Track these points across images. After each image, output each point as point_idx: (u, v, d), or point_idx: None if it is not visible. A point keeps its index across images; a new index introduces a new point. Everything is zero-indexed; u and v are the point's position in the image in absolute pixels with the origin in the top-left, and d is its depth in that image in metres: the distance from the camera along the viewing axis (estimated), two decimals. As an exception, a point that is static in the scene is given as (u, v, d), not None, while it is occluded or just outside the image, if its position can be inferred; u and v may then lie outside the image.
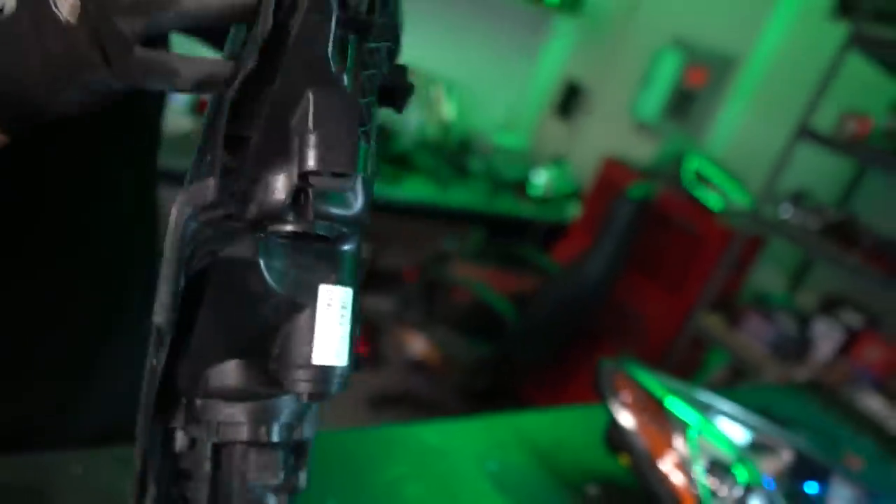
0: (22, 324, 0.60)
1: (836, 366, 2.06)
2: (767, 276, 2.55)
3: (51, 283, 0.61)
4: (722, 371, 2.40)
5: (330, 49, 0.31)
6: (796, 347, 2.10)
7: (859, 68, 2.15)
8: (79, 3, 0.33)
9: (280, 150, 0.31)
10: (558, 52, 3.54)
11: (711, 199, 2.34)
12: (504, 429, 1.05)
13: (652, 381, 0.99)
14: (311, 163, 0.30)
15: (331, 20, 0.31)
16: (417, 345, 2.66)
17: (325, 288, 0.33)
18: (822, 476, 1.09)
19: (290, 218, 0.31)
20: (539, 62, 3.53)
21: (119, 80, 0.33)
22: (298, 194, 0.31)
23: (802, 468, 1.08)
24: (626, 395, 0.97)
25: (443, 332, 2.29)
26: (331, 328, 0.33)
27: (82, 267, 0.62)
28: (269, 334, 0.33)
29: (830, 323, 2.15)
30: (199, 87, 0.32)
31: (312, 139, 0.30)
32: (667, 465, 0.92)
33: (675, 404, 0.96)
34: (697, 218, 2.34)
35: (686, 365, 2.37)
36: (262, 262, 0.32)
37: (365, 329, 2.82)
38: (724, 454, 0.93)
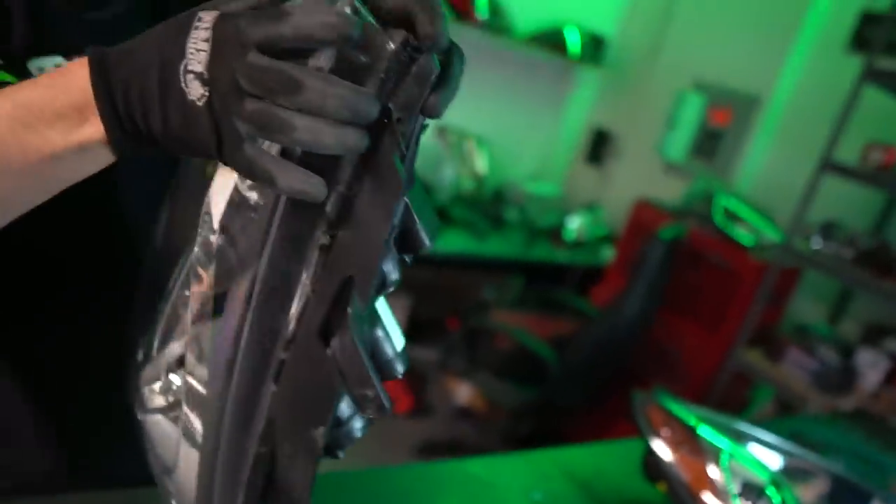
0: (68, 367, 0.64)
1: (882, 395, 2.05)
2: (807, 309, 2.55)
3: (96, 324, 0.63)
4: (768, 406, 2.40)
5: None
6: (840, 378, 2.10)
7: (881, 100, 2.21)
8: (207, 94, 0.38)
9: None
10: (584, 100, 3.66)
11: (742, 236, 2.38)
12: (547, 462, 1.11)
13: (684, 411, 1.05)
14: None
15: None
16: (462, 392, 2.72)
17: None
18: (862, 501, 1.11)
19: None
20: (566, 112, 3.65)
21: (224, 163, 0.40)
22: None
23: (841, 493, 1.11)
24: (661, 425, 1.02)
25: (486, 379, 2.35)
26: None
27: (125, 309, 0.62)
28: None
29: (875, 352, 2.15)
30: (291, 194, 0.38)
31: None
32: (703, 491, 0.97)
33: (707, 432, 1.02)
34: (730, 254, 2.38)
35: (730, 401, 2.37)
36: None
37: (410, 379, 2.90)
38: (757, 478, 0.98)
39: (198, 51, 0.38)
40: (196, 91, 0.38)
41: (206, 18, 0.38)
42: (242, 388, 0.45)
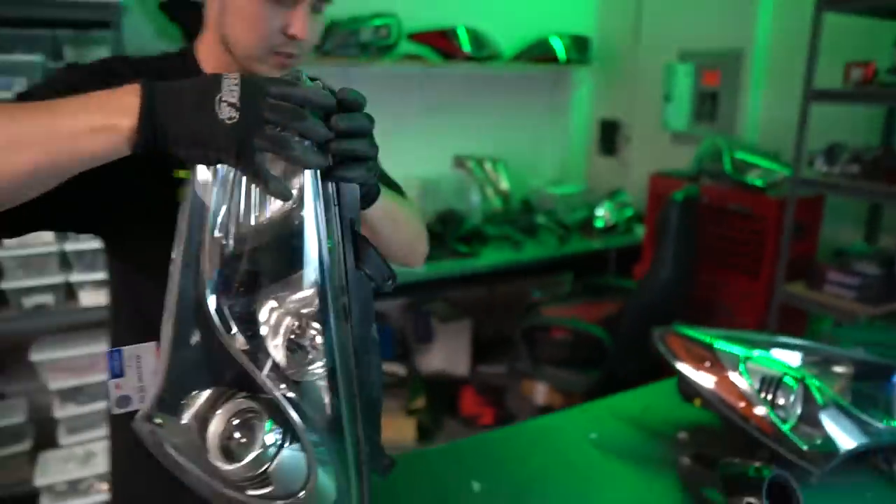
0: None
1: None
2: (842, 234, 2.63)
3: None
4: (829, 333, 2.47)
5: None
6: (883, 287, 2.18)
7: (849, 23, 2.32)
8: (236, 117, 0.59)
9: None
10: (584, 98, 3.85)
11: (755, 180, 2.50)
12: (600, 409, 1.29)
13: (700, 333, 1.21)
14: None
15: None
16: (538, 392, 2.88)
17: None
18: (885, 375, 1.24)
19: None
20: (570, 112, 3.84)
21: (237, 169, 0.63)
22: None
23: (865, 372, 1.24)
24: (681, 349, 1.19)
25: (553, 372, 2.51)
26: None
27: None
28: None
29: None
30: (272, 193, 0.62)
31: None
32: (730, 395, 1.13)
33: (723, 345, 1.17)
34: (748, 200, 2.51)
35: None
36: None
37: (488, 394, 3.07)
38: (774, 372, 1.13)
39: (230, 90, 0.61)
40: (227, 114, 0.60)
41: (233, 76, 0.62)
42: (340, 336, 0.67)
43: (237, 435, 0.65)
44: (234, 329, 0.65)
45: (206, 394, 0.67)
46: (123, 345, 0.76)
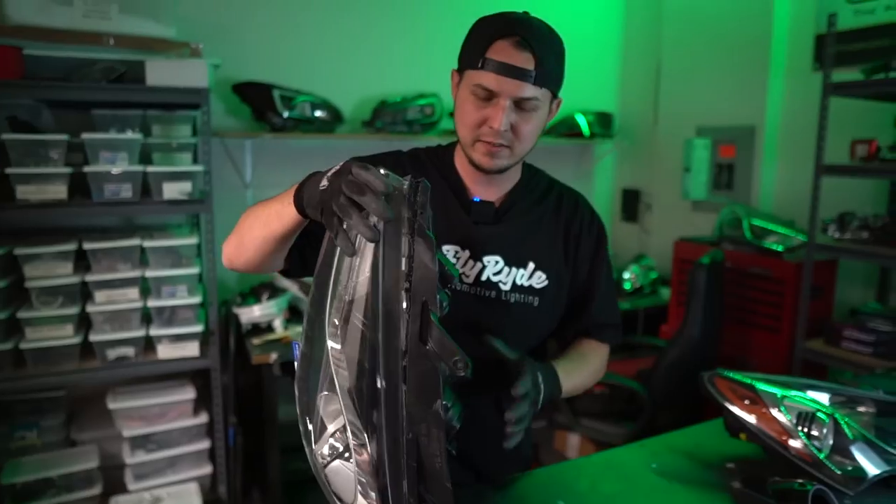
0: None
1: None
2: (855, 294, 2.83)
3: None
4: (848, 387, 2.64)
5: None
6: (896, 343, 2.37)
7: (854, 103, 2.59)
8: (326, 185, 0.79)
9: None
10: (607, 169, 4.13)
11: (774, 245, 2.73)
12: (657, 445, 1.47)
13: (742, 375, 1.40)
14: None
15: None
16: (572, 444, 3.02)
17: None
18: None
19: None
20: (595, 182, 4.12)
21: None
22: None
23: (887, 409, 1.42)
24: (727, 390, 1.38)
25: (590, 424, 2.67)
26: None
27: None
28: None
29: (923, 314, 2.42)
30: (338, 244, 0.79)
31: None
32: (771, 429, 1.32)
33: (763, 385, 1.37)
34: (768, 263, 2.73)
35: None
36: None
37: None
38: (808, 408, 1.32)
39: (334, 170, 0.82)
40: (322, 185, 0.82)
41: (348, 162, 0.82)
42: (391, 396, 0.75)
43: (334, 435, 0.80)
44: (338, 360, 0.78)
45: (333, 401, 0.79)
46: None
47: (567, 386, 1.15)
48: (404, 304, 0.76)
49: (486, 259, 1.17)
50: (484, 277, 1.17)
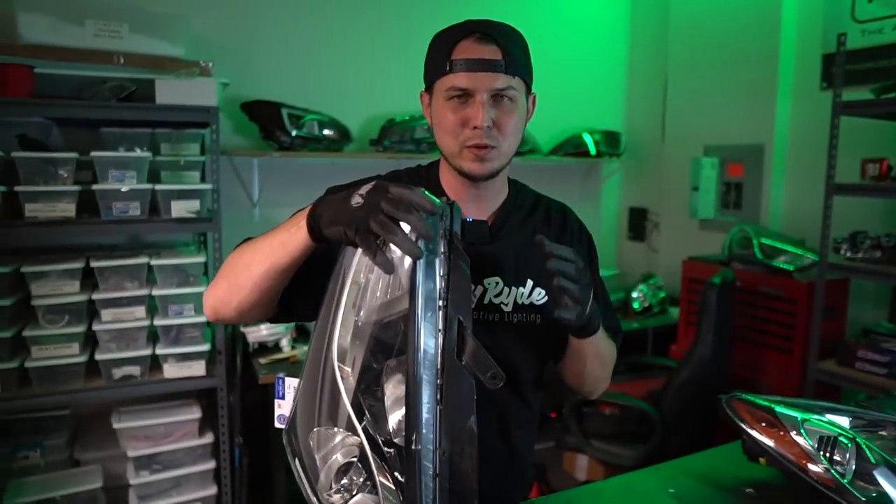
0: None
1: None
2: (867, 314, 2.81)
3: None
4: (861, 409, 2.60)
5: None
6: (911, 364, 2.34)
7: (865, 122, 2.58)
8: (361, 202, 0.77)
9: None
10: (614, 187, 4.13)
11: (785, 265, 2.71)
12: (673, 469, 1.44)
13: (760, 398, 1.38)
14: None
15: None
16: (581, 466, 2.98)
17: None
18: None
19: None
20: (601, 200, 4.11)
21: None
22: None
23: (908, 436, 1.39)
24: (746, 413, 1.35)
25: (600, 446, 2.64)
26: None
27: None
28: None
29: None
30: (377, 264, 0.76)
31: None
32: (792, 453, 1.29)
33: (782, 409, 1.34)
34: (779, 283, 2.70)
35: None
36: None
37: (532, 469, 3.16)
38: (830, 432, 1.29)
39: (365, 188, 0.80)
40: (356, 201, 0.79)
41: (371, 182, 0.82)
42: (427, 412, 0.74)
43: (347, 471, 0.78)
44: (352, 386, 0.78)
45: (338, 435, 0.79)
46: None
47: (600, 341, 1.15)
48: (440, 322, 0.76)
49: (486, 282, 1.14)
50: (486, 301, 1.14)
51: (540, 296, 1.18)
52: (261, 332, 2.65)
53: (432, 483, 0.74)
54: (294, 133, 2.86)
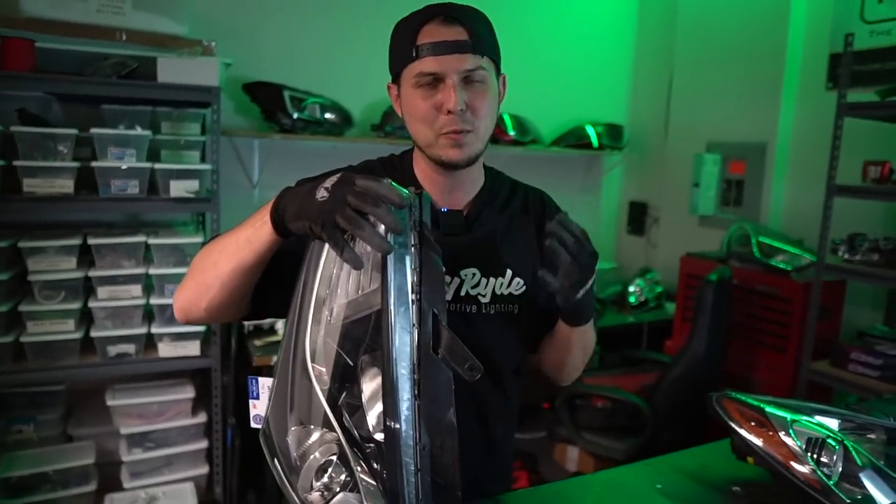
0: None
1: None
2: (862, 317, 2.81)
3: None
4: (853, 410, 2.61)
5: None
6: (904, 367, 2.34)
7: (868, 124, 2.57)
8: (326, 196, 0.75)
9: None
10: (615, 181, 4.12)
11: (781, 264, 2.71)
12: (661, 464, 1.45)
13: (750, 398, 1.38)
14: None
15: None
16: (571, 457, 3.00)
17: None
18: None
19: None
20: (602, 194, 4.10)
21: None
22: None
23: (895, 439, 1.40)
24: (735, 412, 1.36)
25: (591, 438, 2.65)
26: None
27: None
28: None
29: (932, 339, 2.39)
30: (346, 261, 0.75)
31: None
32: (779, 453, 1.29)
33: (772, 409, 1.34)
34: (775, 282, 2.70)
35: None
36: None
37: (522, 459, 3.19)
38: (818, 434, 1.30)
39: (331, 181, 0.77)
40: (321, 195, 0.76)
41: (337, 173, 0.80)
42: (406, 408, 0.74)
43: (326, 470, 0.77)
44: (327, 384, 0.77)
45: (315, 433, 0.78)
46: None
47: (589, 331, 1.15)
48: (414, 317, 0.76)
49: (462, 273, 1.12)
50: (463, 292, 1.12)
51: (519, 285, 1.16)
52: (256, 315, 2.65)
53: (414, 478, 0.74)
54: (295, 115, 2.84)
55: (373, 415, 0.76)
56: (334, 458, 0.76)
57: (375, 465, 0.75)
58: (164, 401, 2.53)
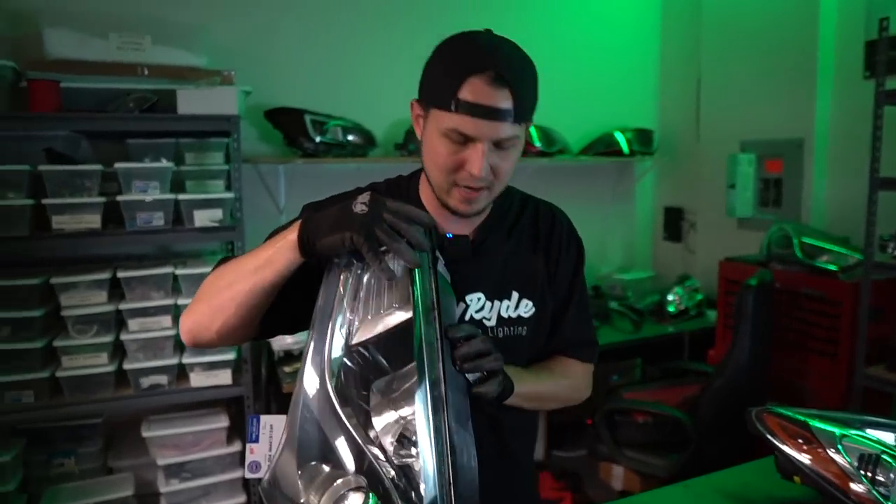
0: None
1: None
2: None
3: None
4: (914, 416, 2.46)
5: None
6: (968, 369, 2.19)
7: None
8: (367, 209, 0.81)
9: None
10: (648, 187, 4.01)
11: (828, 265, 2.58)
12: (702, 485, 1.37)
13: (793, 412, 1.29)
14: None
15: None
16: (616, 476, 2.90)
17: None
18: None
19: None
20: (636, 201, 4.00)
21: None
22: None
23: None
24: (778, 428, 1.27)
25: (634, 455, 2.55)
26: None
27: None
28: None
29: None
30: (379, 272, 0.82)
31: None
32: (829, 472, 1.20)
33: (818, 423, 1.25)
34: (821, 284, 2.57)
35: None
36: None
37: (566, 479, 3.09)
38: (871, 450, 1.20)
39: (364, 199, 0.84)
40: (359, 209, 0.82)
41: (365, 193, 0.86)
42: (442, 426, 0.76)
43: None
44: (350, 412, 0.79)
45: (323, 471, 0.77)
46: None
47: (524, 384, 1.04)
48: (439, 330, 0.82)
49: (468, 298, 1.09)
50: (467, 317, 1.09)
51: (528, 308, 1.13)
52: (286, 341, 2.64)
53: (445, 493, 0.75)
54: (318, 139, 2.84)
55: (404, 438, 0.79)
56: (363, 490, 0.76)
57: (410, 492, 0.76)
58: (198, 431, 2.53)
